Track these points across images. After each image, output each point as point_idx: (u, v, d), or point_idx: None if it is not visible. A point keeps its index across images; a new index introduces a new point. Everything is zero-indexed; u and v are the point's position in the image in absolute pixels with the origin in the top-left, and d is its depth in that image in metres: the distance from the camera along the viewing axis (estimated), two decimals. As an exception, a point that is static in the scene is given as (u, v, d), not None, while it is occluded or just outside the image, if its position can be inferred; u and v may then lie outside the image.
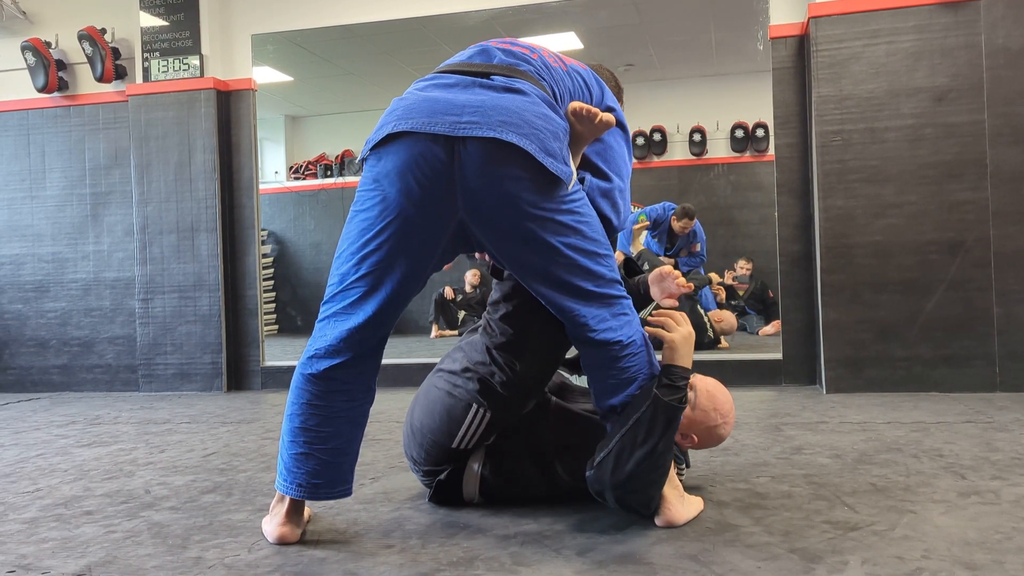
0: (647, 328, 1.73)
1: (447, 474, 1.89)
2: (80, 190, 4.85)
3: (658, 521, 1.70)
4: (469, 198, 1.52)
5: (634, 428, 1.62)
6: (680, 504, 1.71)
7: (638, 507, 1.69)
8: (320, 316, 1.65)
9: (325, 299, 1.65)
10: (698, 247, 5.97)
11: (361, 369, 1.65)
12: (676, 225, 5.82)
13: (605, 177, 1.79)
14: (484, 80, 1.59)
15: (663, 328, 1.72)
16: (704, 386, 1.82)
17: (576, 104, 1.64)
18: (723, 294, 6.23)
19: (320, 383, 1.63)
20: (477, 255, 1.82)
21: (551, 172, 1.53)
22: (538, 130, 1.53)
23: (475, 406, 1.79)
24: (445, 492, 1.90)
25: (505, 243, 1.59)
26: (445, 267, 1.75)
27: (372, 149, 1.57)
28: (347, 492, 1.70)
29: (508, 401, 1.79)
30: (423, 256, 1.60)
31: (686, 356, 1.70)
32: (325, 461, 1.65)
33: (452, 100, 1.53)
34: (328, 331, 1.63)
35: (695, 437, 1.82)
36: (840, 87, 3.67)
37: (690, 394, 1.76)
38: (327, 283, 1.66)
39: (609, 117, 1.66)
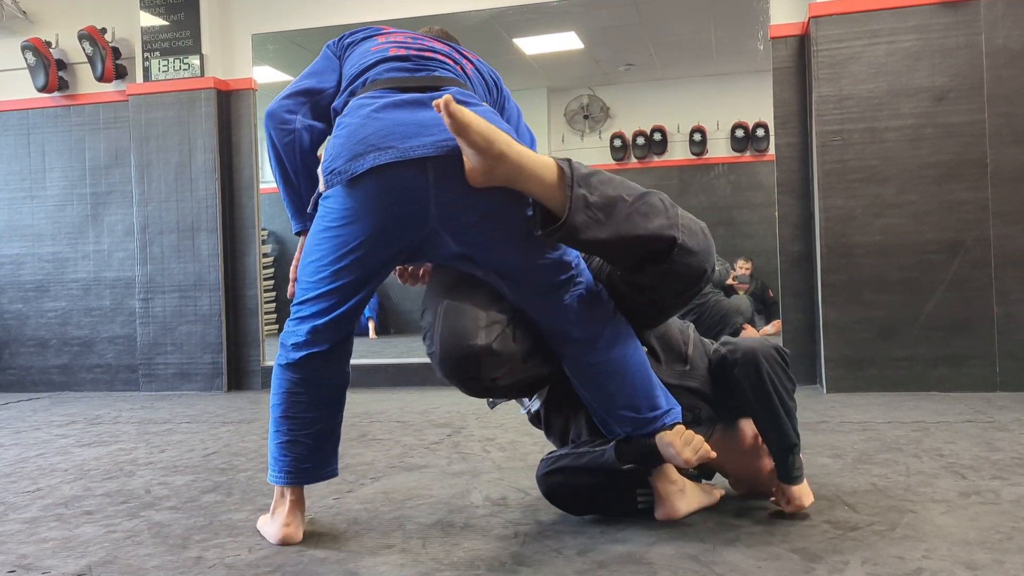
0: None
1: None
2: (80, 190, 4.85)
3: (658, 515, 1.73)
4: (445, 211, 1.55)
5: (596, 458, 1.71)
6: (678, 498, 1.73)
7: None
8: (293, 315, 1.70)
9: (298, 300, 1.69)
10: None
11: (336, 354, 1.70)
12: None
13: None
14: (438, 94, 1.59)
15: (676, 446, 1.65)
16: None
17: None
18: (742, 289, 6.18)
19: (298, 370, 1.68)
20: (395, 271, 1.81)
21: None
22: (507, 132, 1.57)
23: None
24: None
25: (483, 246, 1.60)
26: None
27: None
28: (334, 473, 1.75)
29: None
30: (391, 265, 1.68)
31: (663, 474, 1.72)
32: (310, 445, 1.69)
33: (418, 119, 1.53)
34: (302, 327, 1.67)
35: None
36: (840, 87, 3.67)
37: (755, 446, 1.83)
38: (298, 285, 1.69)
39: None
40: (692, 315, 5.37)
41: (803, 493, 1.71)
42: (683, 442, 1.62)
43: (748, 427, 1.82)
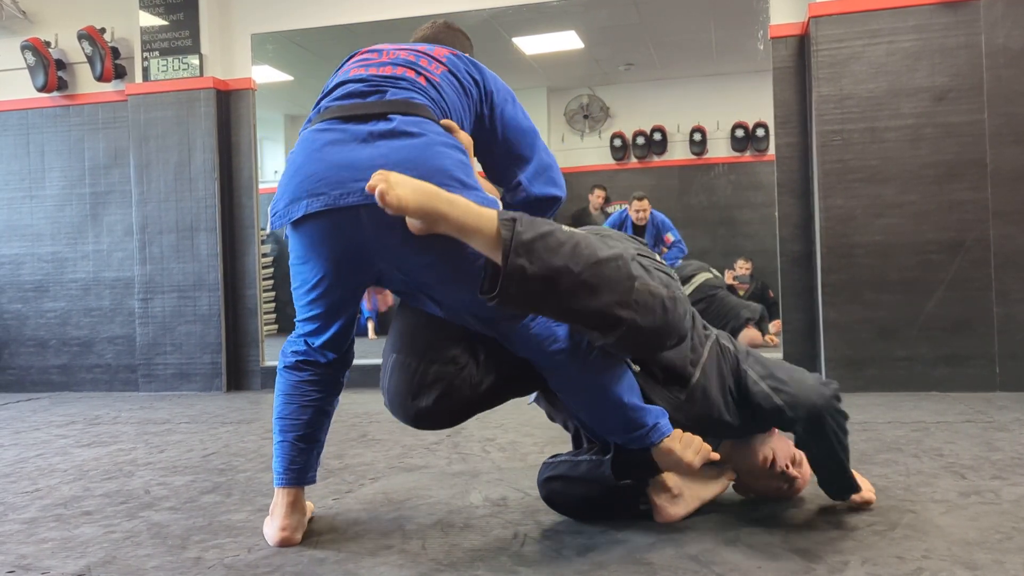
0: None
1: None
2: (80, 190, 4.84)
3: (656, 519, 1.73)
4: (388, 254, 1.54)
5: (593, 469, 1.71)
6: (674, 505, 1.73)
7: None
8: (296, 328, 1.77)
9: (296, 319, 1.76)
10: (671, 237, 5.88)
11: (331, 365, 1.76)
12: (634, 214, 5.74)
13: (524, 161, 1.76)
14: (381, 124, 1.53)
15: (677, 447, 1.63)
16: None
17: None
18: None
19: (294, 373, 1.75)
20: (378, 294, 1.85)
21: None
22: (443, 171, 1.48)
23: None
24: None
25: (432, 283, 1.58)
26: None
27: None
28: (312, 479, 1.78)
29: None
30: (359, 293, 1.70)
31: (670, 462, 1.65)
32: (299, 447, 1.73)
33: (352, 161, 1.49)
34: (300, 339, 1.76)
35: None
36: (840, 87, 3.66)
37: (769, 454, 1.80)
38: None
39: (466, 137, 1.64)
40: (700, 306, 5.37)
41: (864, 495, 1.76)
42: (683, 445, 1.62)
43: (761, 449, 1.79)
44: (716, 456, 1.65)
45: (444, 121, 1.61)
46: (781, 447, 1.79)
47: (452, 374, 1.60)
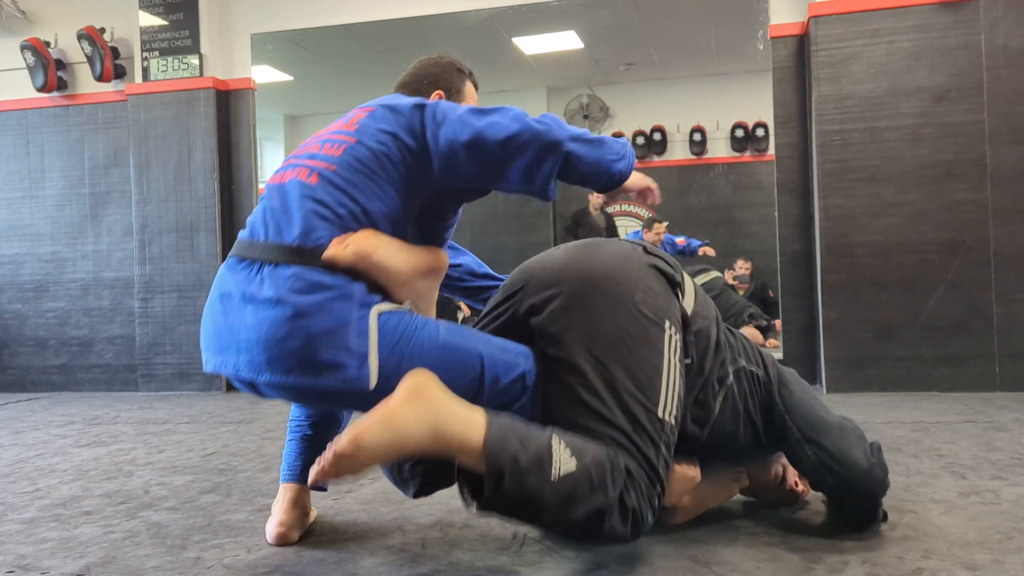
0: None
1: None
2: (79, 190, 4.84)
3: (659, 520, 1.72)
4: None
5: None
6: (676, 515, 1.71)
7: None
8: None
9: None
10: (682, 240, 6.00)
11: None
12: (654, 236, 5.81)
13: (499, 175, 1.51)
14: (255, 283, 1.41)
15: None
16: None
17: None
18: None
19: None
20: None
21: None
22: (292, 355, 1.37)
23: None
24: None
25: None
26: None
27: None
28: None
29: None
30: None
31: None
32: (305, 446, 1.76)
33: (228, 326, 1.43)
34: None
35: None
36: (840, 87, 3.66)
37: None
38: None
39: (356, 249, 1.41)
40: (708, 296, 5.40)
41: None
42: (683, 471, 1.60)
43: (773, 466, 1.78)
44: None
45: (326, 255, 1.40)
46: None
47: (425, 469, 1.55)
